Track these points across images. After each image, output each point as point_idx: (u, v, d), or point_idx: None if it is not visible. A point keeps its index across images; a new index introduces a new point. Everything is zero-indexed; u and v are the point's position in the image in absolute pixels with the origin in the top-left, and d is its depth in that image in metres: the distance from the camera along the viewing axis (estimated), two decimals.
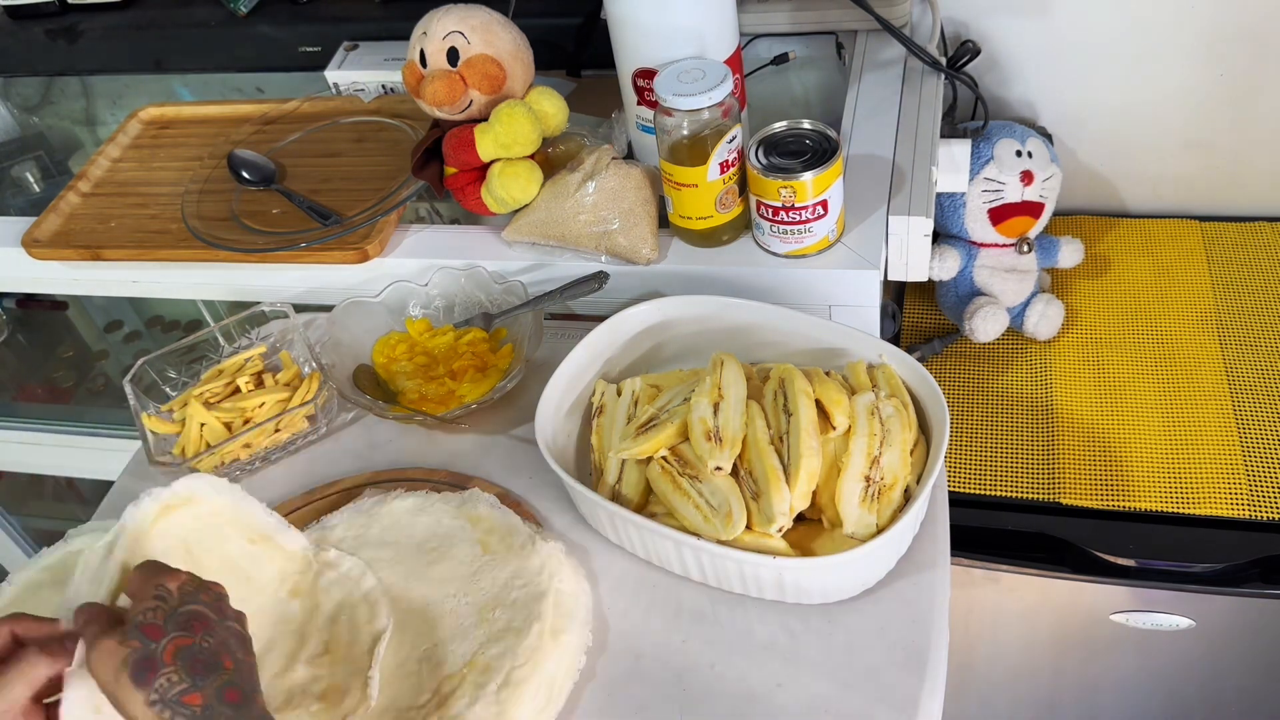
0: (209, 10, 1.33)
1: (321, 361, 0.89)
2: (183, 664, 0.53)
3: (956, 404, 1.11)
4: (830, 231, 0.87)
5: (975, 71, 1.19)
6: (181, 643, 0.54)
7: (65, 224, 1.08)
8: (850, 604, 0.71)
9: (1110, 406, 1.08)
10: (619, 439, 0.78)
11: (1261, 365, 1.08)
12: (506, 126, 0.88)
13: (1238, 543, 0.97)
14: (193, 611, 0.56)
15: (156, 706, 0.52)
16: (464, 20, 0.87)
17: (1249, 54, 1.14)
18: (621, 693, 0.69)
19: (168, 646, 0.54)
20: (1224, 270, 1.19)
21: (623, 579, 0.75)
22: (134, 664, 0.53)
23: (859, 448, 0.72)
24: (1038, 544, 1.02)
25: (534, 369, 0.88)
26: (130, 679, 0.53)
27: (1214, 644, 1.07)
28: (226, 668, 0.55)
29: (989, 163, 1.10)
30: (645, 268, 0.91)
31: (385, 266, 0.97)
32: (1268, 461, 1.00)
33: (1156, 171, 1.27)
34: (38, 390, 1.55)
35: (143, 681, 0.52)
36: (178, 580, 0.57)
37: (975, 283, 1.15)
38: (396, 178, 1.02)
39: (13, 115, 1.53)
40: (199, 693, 0.53)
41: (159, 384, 0.93)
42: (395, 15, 1.26)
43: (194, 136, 1.17)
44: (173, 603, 0.56)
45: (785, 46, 1.12)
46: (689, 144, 0.85)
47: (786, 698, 0.67)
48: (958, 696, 1.24)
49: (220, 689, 0.54)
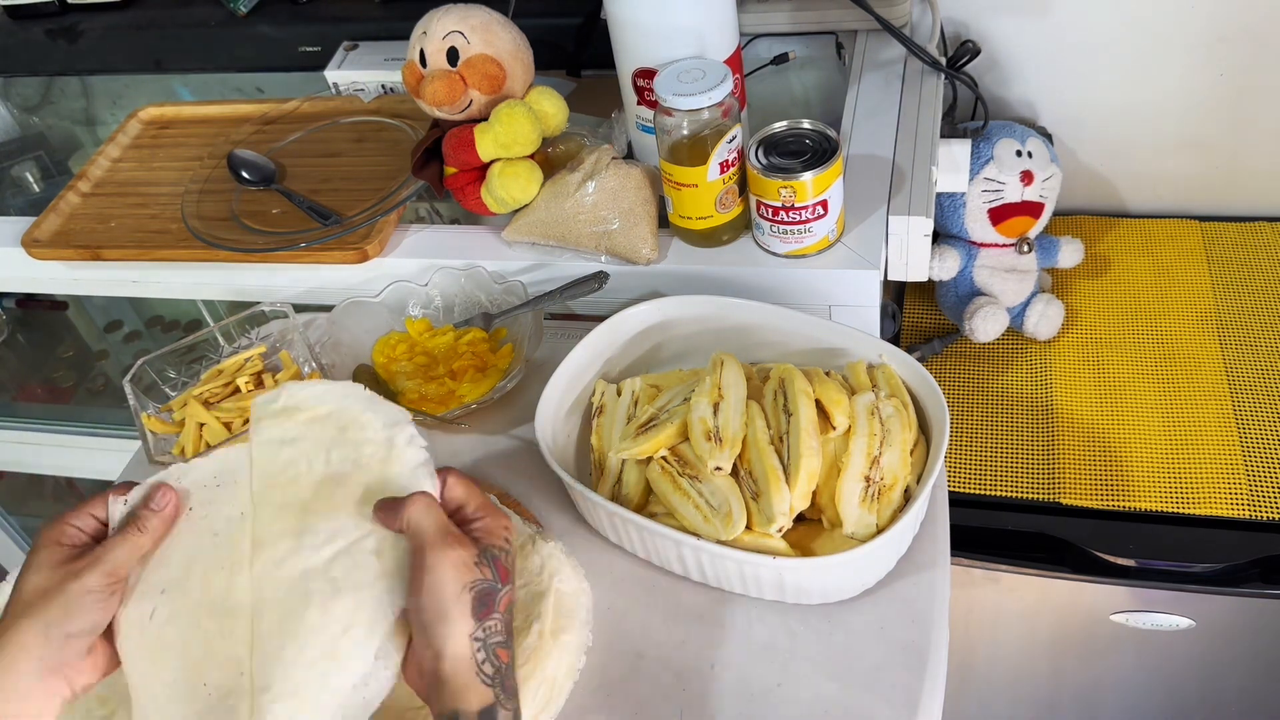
0: (209, 10, 1.33)
1: (321, 361, 0.89)
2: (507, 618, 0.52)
3: (956, 404, 1.11)
4: (830, 231, 0.87)
5: (975, 71, 1.19)
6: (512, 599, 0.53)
7: (65, 224, 1.08)
8: (850, 604, 0.71)
9: (1110, 406, 1.08)
10: (619, 439, 0.78)
11: (1261, 365, 1.08)
12: (506, 126, 0.88)
13: (1238, 543, 0.97)
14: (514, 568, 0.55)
15: (477, 644, 0.51)
16: (464, 20, 0.87)
17: (1249, 54, 1.14)
18: (621, 693, 0.69)
19: (506, 596, 0.53)
20: (1224, 270, 1.19)
21: (623, 579, 0.75)
22: (480, 593, 0.51)
23: (859, 448, 0.72)
24: (1038, 544, 1.02)
25: (534, 369, 0.88)
26: (471, 604, 0.51)
27: (1214, 644, 1.07)
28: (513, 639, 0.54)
29: (989, 163, 1.10)
30: (645, 268, 0.91)
31: (385, 266, 0.97)
32: (1268, 461, 1.00)
33: (1156, 171, 1.27)
34: (38, 390, 1.55)
35: (480, 614, 0.51)
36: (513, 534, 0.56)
37: (975, 283, 1.15)
38: (396, 178, 1.02)
39: (13, 115, 1.53)
40: (508, 651, 0.52)
41: (159, 384, 0.93)
42: (395, 15, 1.26)
43: (194, 136, 1.17)
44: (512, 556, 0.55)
45: (785, 46, 1.12)
46: (689, 144, 0.85)
47: (786, 698, 0.67)
48: (958, 696, 1.24)
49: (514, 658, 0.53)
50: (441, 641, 0.51)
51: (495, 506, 0.57)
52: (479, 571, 0.52)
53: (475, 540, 0.54)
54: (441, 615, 0.51)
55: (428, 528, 0.53)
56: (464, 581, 0.51)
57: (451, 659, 0.50)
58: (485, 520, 0.55)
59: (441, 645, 0.51)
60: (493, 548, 0.53)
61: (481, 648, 0.50)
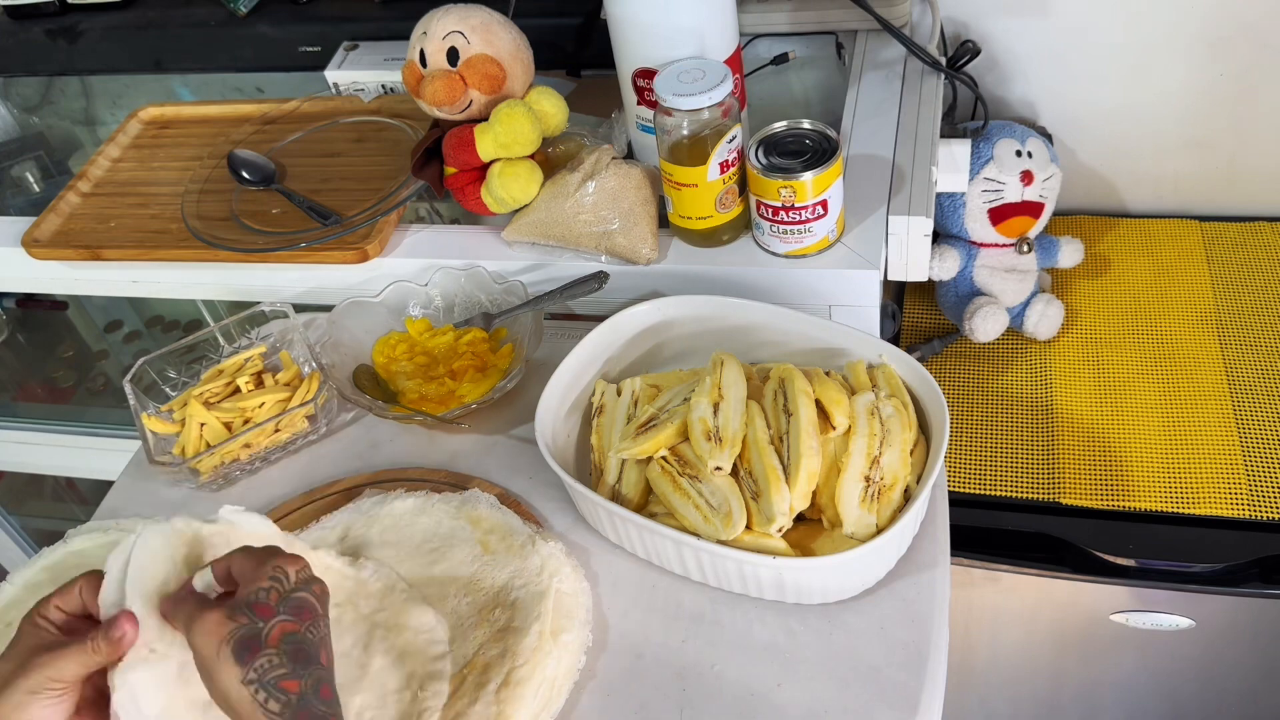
0: (209, 10, 1.33)
1: (321, 361, 0.89)
2: (286, 649, 0.53)
3: (956, 404, 1.11)
4: (830, 231, 0.87)
5: (975, 71, 1.19)
6: (289, 628, 0.54)
7: (65, 224, 1.08)
8: (850, 604, 0.71)
9: (1110, 406, 1.08)
10: (619, 439, 0.78)
11: (1261, 365, 1.08)
12: (506, 126, 0.88)
13: (1238, 543, 0.97)
14: (304, 600, 0.55)
15: (253, 686, 0.51)
16: (464, 20, 0.87)
17: (1249, 54, 1.14)
18: (621, 693, 0.69)
19: (275, 629, 0.53)
20: (1224, 270, 1.19)
21: (623, 579, 0.75)
22: (239, 639, 0.52)
23: (859, 448, 0.72)
24: (1038, 544, 1.02)
25: (534, 369, 0.88)
26: (232, 653, 0.52)
27: (1214, 644, 1.07)
28: (323, 663, 0.54)
29: (989, 163, 1.10)
30: (645, 268, 0.91)
31: (385, 266, 0.97)
32: (1268, 461, 1.00)
33: (1156, 171, 1.27)
34: (38, 390, 1.55)
35: (244, 659, 0.52)
36: (296, 565, 0.56)
37: (975, 283, 1.15)
38: (396, 178, 1.02)
39: (13, 115, 1.53)
40: (297, 680, 0.52)
41: (159, 384, 0.93)
42: (395, 15, 1.26)
43: (194, 136, 1.17)
44: (288, 587, 0.55)
45: (785, 46, 1.12)
46: (689, 144, 0.85)
47: (786, 698, 0.67)
48: (958, 696, 1.24)
49: (316, 683, 0.53)
50: (222, 697, 0.52)
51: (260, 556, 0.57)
52: (232, 622, 0.53)
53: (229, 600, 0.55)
54: (209, 675, 0.53)
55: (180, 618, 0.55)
56: (218, 637, 0.53)
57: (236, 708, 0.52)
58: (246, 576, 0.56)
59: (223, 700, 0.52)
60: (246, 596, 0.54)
61: (259, 688, 0.51)
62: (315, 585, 0.57)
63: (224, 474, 0.87)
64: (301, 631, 0.54)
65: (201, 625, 0.53)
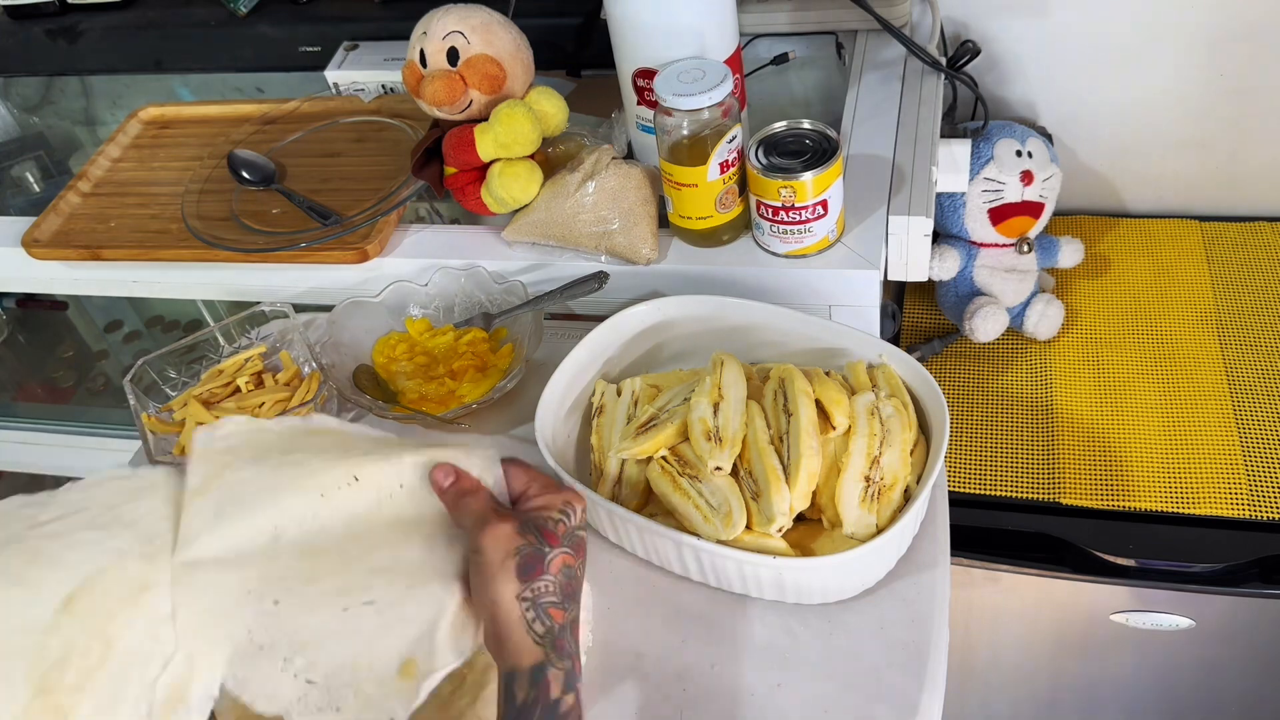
0: (209, 10, 1.33)
1: (321, 361, 0.89)
2: (562, 580, 0.56)
3: (956, 404, 1.11)
4: (830, 231, 0.87)
5: (975, 71, 1.19)
6: (569, 561, 0.57)
7: (65, 224, 1.08)
8: (850, 604, 0.71)
9: (1110, 406, 1.08)
10: (619, 439, 0.78)
11: (1261, 365, 1.08)
12: (506, 126, 0.88)
13: (1238, 543, 0.97)
14: (582, 539, 0.59)
15: (525, 603, 0.54)
16: (464, 20, 0.87)
17: (1248, 54, 1.14)
18: (621, 693, 0.69)
19: (558, 558, 0.56)
20: (1224, 270, 1.19)
21: (623, 579, 0.75)
22: (526, 555, 0.55)
23: (859, 448, 0.72)
24: (1038, 544, 1.02)
25: (534, 369, 0.88)
26: (516, 568, 0.54)
27: (1214, 644, 1.07)
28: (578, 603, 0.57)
29: (989, 163, 1.10)
30: (645, 268, 0.91)
31: (385, 266, 0.97)
32: (1268, 461, 1.00)
33: (1156, 171, 1.27)
34: (38, 390, 1.55)
35: (526, 575, 0.54)
36: (581, 504, 0.60)
37: (975, 283, 1.15)
38: (396, 178, 1.02)
39: (13, 115, 1.53)
40: (563, 611, 0.55)
41: (159, 384, 0.93)
42: (395, 15, 1.26)
43: (194, 136, 1.17)
44: (573, 523, 0.58)
45: (785, 46, 1.12)
46: (689, 144, 0.85)
47: (786, 698, 0.67)
48: (958, 696, 1.24)
49: (572, 621, 0.56)
50: (492, 604, 0.55)
51: (555, 484, 0.61)
52: (521, 539, 0.56)
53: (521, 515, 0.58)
54: (488, 581, 0.55)
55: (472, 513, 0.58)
56: (507, 548, 0.55)
57: (503, 620, 0.54)
58: (539, 498, 0.60)
59: (492, 608, 0.55)
60: (539, 518, 0.57)
61: (530, 607, 0.54)
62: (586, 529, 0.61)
63: None
64: (575, 567, 0.57)
65: (493, 531, 0.56)
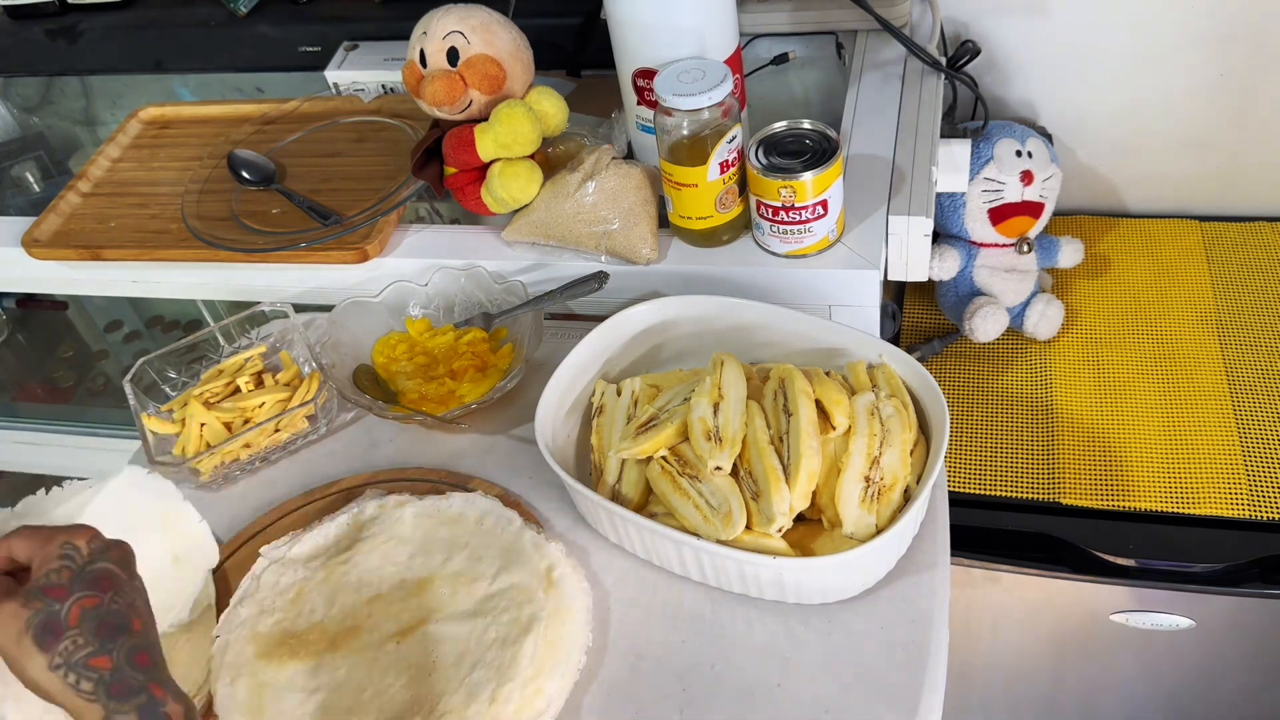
0: (209, 10, 1.33)
1: (321, 361, 0.89)
2: (89, 626, 0.51)
3: (956, 404, 1.11)
4: (830, 231, 0.87)
5: (975, 71, 1.19)
6: (88, 603, 0.52)
7: (65, 224, 1.08)
8: (850, 604, 0.71)
9: (1110, 406, 1.08)
10: (619, 439, 0.78)
11: (1261, 365, 1.08)
12: (506, 126, 0.88)
13: (1238, 543, 0.97)
14: (101, 570, 0.53)
15: (60, 670, 0.50)
16: (464, 20, 0.87)
17: (1249, 54, 1.14)
18: (621, 693, 0.69)
19: (73, 608, 0.52)
20: (1224, 270, 1.19)
21: (623, 579, 0.75)
22: (37, 626, 0.51)
23: (859, 448, 0.72)
24: (1038, 544, 1.02)
25: (534, 369, 0.88)
26: (33, 642, 0.51)
27: (1214, 644, 1.07)
28: (135, 629, 0.53)
29: (989, 163, 1.10)
30: (645, 268, 0.91)
31: (385, 266, 0.97)
32: (1268, 461, 1.00)
33: (1156, 171, 1.27)
34: (38, 390, 1.55)
35: (46, 645, 0.51)
36: (85, 536, 0.54)
37: (975, 283, 1.15)
38: (396, 178, 1.02)
39: (13, 115, 1.53)
40: (107, 655, 0.51)
41: (159, 384, 0.93)
42: (395, 15, 1.26)
43: (194, 136, 1.17)
44: (80, 560, 0.53)
45: (785, 46, 1.12)
46: (689, 144, 0.85)
47: (786, 698, 0.67)
48: (958, 696, 1.24)
49: (130, 651, 0.52)
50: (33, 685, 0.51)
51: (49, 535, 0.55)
52: (29, 609, 0.51)
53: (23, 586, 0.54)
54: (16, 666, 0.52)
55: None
56: (17, 627, 0.51)
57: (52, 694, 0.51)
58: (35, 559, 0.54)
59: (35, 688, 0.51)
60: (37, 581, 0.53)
61: (67, 670, 0.50)
62: (112, 551, 0.55)
63: (224, 474, 0.87)
64: (104, 604, 0.52)
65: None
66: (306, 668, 0.70)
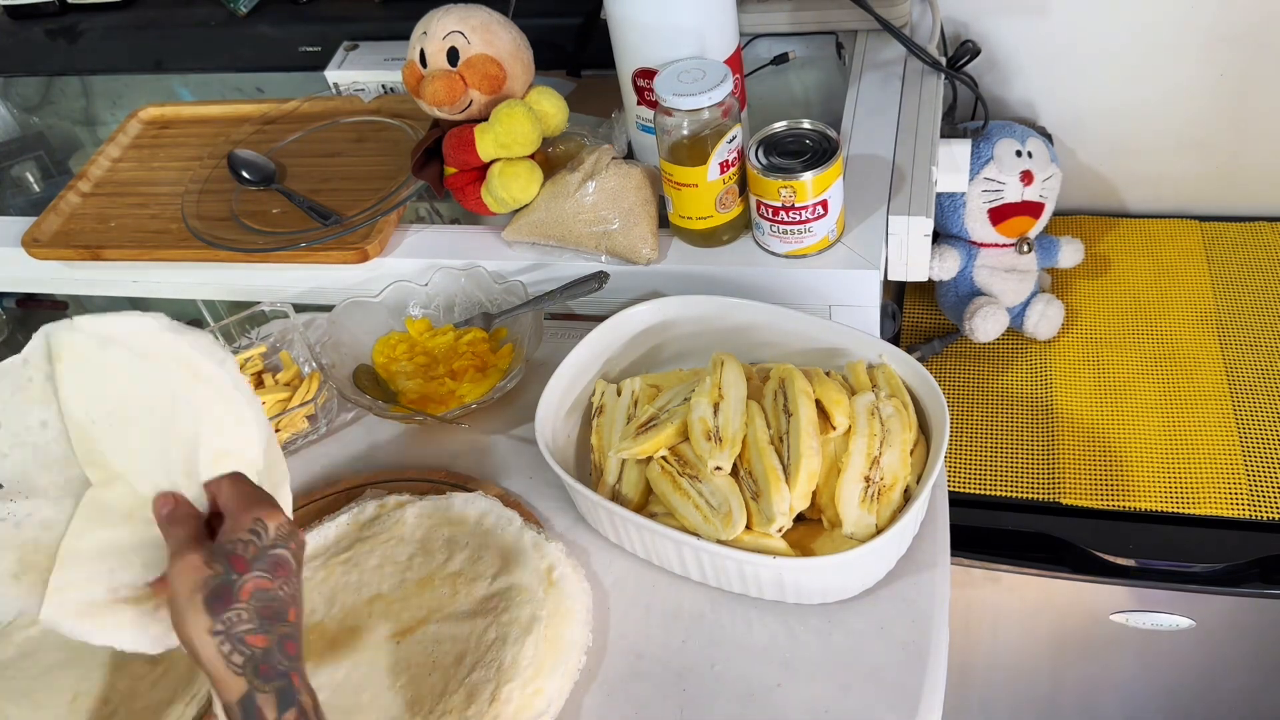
0: (209, 10, 1.33)
1: (321, 361, 0.89)
2: (256, 605, 0.53)
3: (956, 404, 1.11)
4: (830, 231, 0.87)
5: (975, 71, 1.19)
6: (262, 585, 0.54)
7: (65, 224, 1.08)
8: (850, 604, 0.71)
9: (1110, 406, 1.08)
10: (619, 439, 0.78)
11: (1261, 365, 1.08)
12: (506, 126, 0.88)
13: (1238, 543, 0.97)
14: (280, 557, 0.56)
15: (219, 638, 0.52)
16: (464, 20, 0.87)
17: (1249, 54, 1.14)
18: (621, 693, 0.69)
19: (249, 584, 0.54)
20: (1224, 270, 1.19)
21: (623, 579, 0.75)
22: (211, 589, 0.53)
23: (859, 448, 0.72)
24: (1038, 544, 1.02)
25: (534, 369, 0.88)
26: (203, 602, 0.52)
27: (1214, 644, 1.07)
28: (290, 619, 0.55)
29: (989, 163, 1.10)
30: (645, 268, 0.91)
31: (385, 266, 0.97)
32: (1268, 461, 1.00)
33: (1156, 171, 1.27)
34: None
35: (215, 609, 0.52)
36: (276, 520, 0.57)
37: (975, 283, 1.15)
38: (396, 178, 1.02)
39: (13, 115, 1.53)
40: (264, 636, 0.53)
41: None
42: (395, 15, 1.26)
43: (194, 136, 1.17)
44: (265, 542, 0.55)
45: (785, 46, 1.12)
46: (689, 144, 0.85)
47: (786, 698, 0.67)
48: (958, 696, 1.24)
49: (282, 638, 0.54)
50: (189, 642, 0.53)
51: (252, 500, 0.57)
52: (209, 569, 0.53)
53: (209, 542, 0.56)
54: (178, 617, 0.53)
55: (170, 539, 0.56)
56: (193, 581, 0.53)
57: (202, 658, 0.52)
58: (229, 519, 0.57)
59: (189, 646, 0.53)
60: (225, 544, 0.55)
61: (225, 640, 0.52)
62: (293, 541, 0.57)
63: None
64: (274, 589, 0.54)
65: (180, 563, 0.54)
66: (306, 668, 0.70)
